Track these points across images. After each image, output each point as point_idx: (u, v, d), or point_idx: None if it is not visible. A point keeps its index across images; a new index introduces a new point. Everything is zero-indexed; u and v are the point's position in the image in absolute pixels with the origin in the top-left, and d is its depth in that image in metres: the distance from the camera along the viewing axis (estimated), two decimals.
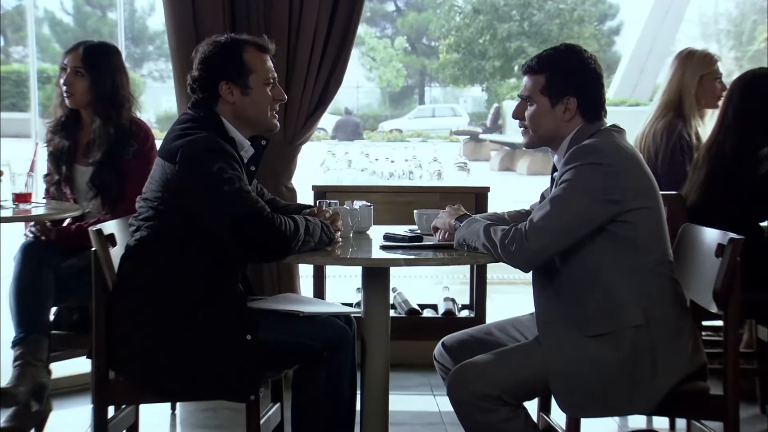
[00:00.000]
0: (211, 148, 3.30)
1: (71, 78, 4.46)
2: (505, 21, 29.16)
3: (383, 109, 37.71)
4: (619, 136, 3.37)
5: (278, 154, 5.26)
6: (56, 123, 4.58)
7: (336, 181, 5.30)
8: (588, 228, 3.23)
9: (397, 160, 5.38)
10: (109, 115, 4.43)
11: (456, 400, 3.29)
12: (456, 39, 30.29)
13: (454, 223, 3.46)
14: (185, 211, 3.31)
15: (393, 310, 5.39)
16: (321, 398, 3.41)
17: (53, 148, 4.58)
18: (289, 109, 5.23)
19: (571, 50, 3.42)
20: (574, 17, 29.08)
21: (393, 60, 35.99)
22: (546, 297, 3.37)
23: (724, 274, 3.28)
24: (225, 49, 3.49)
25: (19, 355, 4.30)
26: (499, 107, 26.74)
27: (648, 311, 3.23)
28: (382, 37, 38.62)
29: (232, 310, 3.34)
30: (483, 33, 29.42)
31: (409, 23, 38.87)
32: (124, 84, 4.53)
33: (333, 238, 3.45)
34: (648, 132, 5.09)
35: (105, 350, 3.38)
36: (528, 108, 3.42)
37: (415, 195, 5.13)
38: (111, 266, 3.39)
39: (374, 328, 3.55)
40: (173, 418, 4.75)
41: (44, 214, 4.27)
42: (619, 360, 3.20)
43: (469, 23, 30.03)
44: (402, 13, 40.63)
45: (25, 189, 4.32)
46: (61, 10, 37.54)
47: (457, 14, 30.93)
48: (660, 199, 3.37)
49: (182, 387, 3.39)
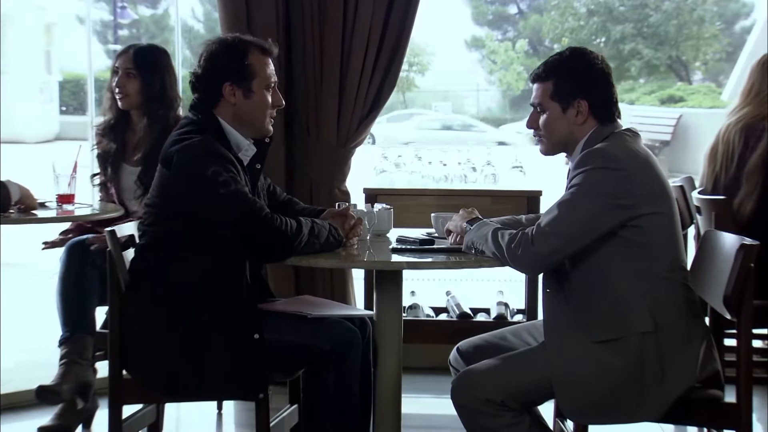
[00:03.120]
0: (205, 153, 3.34)
1: (123, 80, 4.55)
2: (620, 22, 28.73)
3: (504, 112, 37.53)
4: (632, 140, 3.32)
5: (331, 157, 5.30)
6: (105, 125, 4.67)
7: (389, 183, 5.30)
8: (596, 233, 3.19)
9: (451, 164, 5.36)
10: (157, 115, 4.51)
11: (459, 405, 3.27)
12: (570, 41, 29.95)
13: (465, 226, 3.45)
14: (185, 216, 3.36)
15: (446, 314, 5.39)
16: (329, 400, 3.42)
17: (101, 150, 4.68)
18: (342, 112, 5.26)
19: (575, 53, 3.40)
20: (693, 17, 28.50)
21: (514, 63, 35.76)
22: (555, 301, 3.33)
23: (735, 280, 3.21)
24: (231, 50, 3.51)
25: (65, 353, 4.41)
26: None
27: (657, 317, 3.18)
28: (504, 39, 38.42)
29: (239, 310, 3.38)
30: (597, 35, 29.06)
31: (531, 26, 38.59)
32: (172, 84, 4.60)
33: (341, 240, 3.45)
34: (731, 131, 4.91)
35: (119, 350, 3.45)
36: (541, 116, 3.40)
37: (466, 198, 5.09)
38: (124, 267, 3.46)
39: (386, 331, 3.55)
40: (219, 418, 4.81)
41: (86, 214, 4.37)
42: (625, 366, 3.16)
43: (582, 25, 29.67)
44: (524, 16, 40.36)
45: (68, 190, 4.42)
46: (192, 17, 38.30)
47: (571, 16, 30.59)
48: (674, 204, 3.31)
49: (191, 387, 3.44)
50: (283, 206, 3.80)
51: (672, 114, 21.38)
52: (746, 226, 4.46)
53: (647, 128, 19.42)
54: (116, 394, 3.47)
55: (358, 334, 3.49)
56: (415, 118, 27.74)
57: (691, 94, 25.91)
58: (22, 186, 4.18)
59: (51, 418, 4.41)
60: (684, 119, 20.38)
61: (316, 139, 5.31)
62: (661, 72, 29.34)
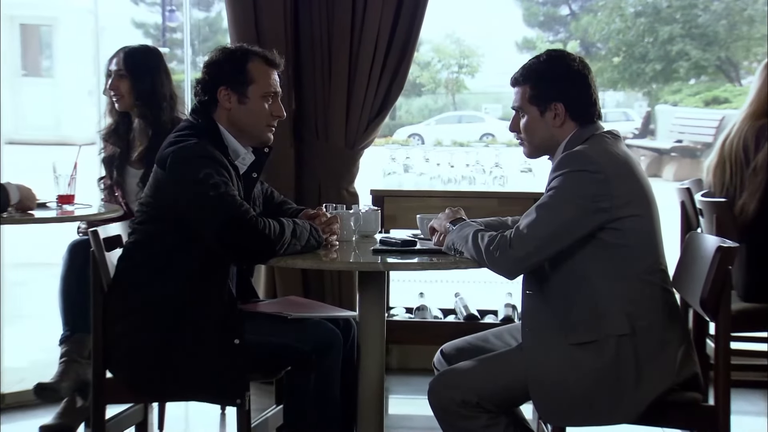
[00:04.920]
0: (199, 155, 3.37)
1: (116, 81, 4.59)
2: (668, 23, 28.46)
3: None
4: (612, 142, 3.30)
5: (339, 158, 5.31)
6: (107, 130, 4.72)
7: (397, 185, 5.31)
8: (573, 236, 3.18)
9: (460, 166, 5.36)
10: (148, 115, 4.54)
11: (435, 406, 3.27)
12: (617, 43, 29.75)
13: (448, 226, 3.45)
14: (174, 216, 3.40)
15: (453, 315, 5.39)
16: (310, 401, 3.43)
17: (106, 154, 4.73)
18: (350, 114, 5.28)
19: (551, 57, 3.41)
20: (743, 17, 28.16)
21: None
22: (534, 302, 3.33)
23: (712, 282, 3.19)
24: (230, 56, 3.57)
25: (65, 352, 4.47)
26: (650, 112, 26.13)
27: (634, 320, 3.16)
28: (555, 41, 38.26)
29: (220, 314, 3.40)
30: (644, 36, 28.83)
31: (583, 27, 38.36)
32: (163, 84, 4.60)
33: (321, 241, 3.47)
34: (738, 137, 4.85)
35: (102, 350, 3.48)
36: (521, 119, 3.40)
37: (473, 200, 5.12)
38: (106, 267, 3.49)
39: (368, 332, 3.55)
40: (223, 418, 4.83)
41: (86, 215, 4.41)
42: (601, 368, 3.15)
43: (630, 26, 29.45)
44: (576, 17, 40.15)
45: (68, 190, 4.46)
46: None
47: (618, 17, 30.37)
48: (654, 207, 3.29)
49: (171, 389, 3.47)
50: (277, 208, 3.84)
51: (715, 116, 21.17)
52: (750, 226, 4.40)
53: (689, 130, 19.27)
54: (99, 394, 3.51)
55: (339, 336, 3.50)
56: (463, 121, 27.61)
57: (737, 95, 25.58)
58: (23, 187, 4.22)
59: (53, 417, 4.46)
60: (726, 121, 20.09)
61: (324, 141, 5.33)
62: (709, 73, 29.02)
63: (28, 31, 22.19)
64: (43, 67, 23.62)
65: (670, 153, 20.20)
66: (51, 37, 23.22)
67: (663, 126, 22.35)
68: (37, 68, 23.43)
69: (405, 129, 26.26)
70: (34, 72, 23.25)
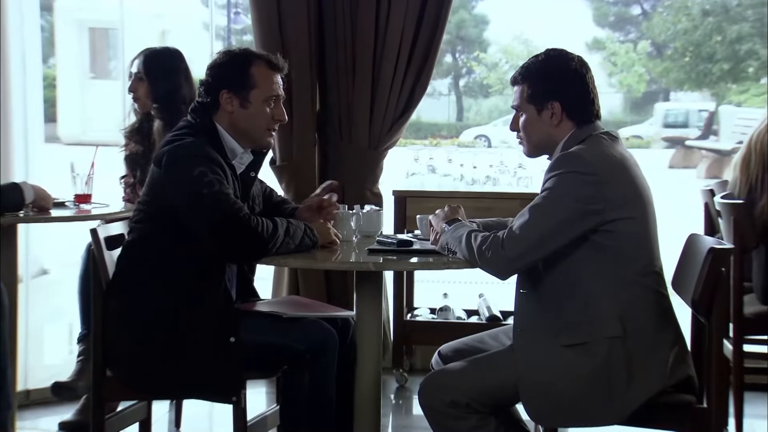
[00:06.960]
0: (195, 154, 3.40)
1: (135, 83, 4.64)
2: (737, 22, 28.07)
3: (625, 114, 37.00)
4: (609, 143, 3.28)
5: (363, 159, 5.33)
6: (131, 129, 4.77)
7: (419, 186, 5.31)
8: (566, 238, 3.16)
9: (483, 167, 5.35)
10: (166, 117, 4.55)
11: (425, 407, 3.27)
12: (683, 42, 29.42)
13: (444, 226, 3.45)
14: (169, 214, 3.43)
15: (476, 316, 5.38)
16: (304, 400, 3.44)
17: (129, 152, 4.78)
18: (374, 115, 5.29)
19: (549, 56, 3.38)
20: None
21: (635, 64, 35.26)
22: (527, 302, 3.31)
23: (704, 284, 3.17)
24: (234, 60, 3.58)
25: (82, 350, 4.54)
26: (712, 113, 25.82)
27: (626, 322, 3.14)
28: (625, 41, 37.90)
29: (216, 312, 3.42)
30: (712, 35, 28.45)
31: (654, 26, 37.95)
32: (182, 86, 4.62)
33: (316, 241, 3.48)
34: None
35: (101, 348, 3.52)
36: (520, 119, 3.39)
37: (495, 201, 5.11)
38: (105, 266, 3.53)
39: (365, 332, 3.55)
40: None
41: (103, 213, 4.46)
42: (591, 371, 3.13)
43: (696, 25, 29.09)
44: (647, 17, 39.74)
45: (85, 189, 4.52)
46: None
47: (684, 16, 30.03)
48: (650, 209, 3.26)
49: (167, 387, 3.51)
50: (275, 207, 3.86)
51: None
52: None
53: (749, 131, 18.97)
54: (99, 391, 3.54)
55: (335, 335, 3.50)
56: None
57: None
58: (38, 187, 4.28)
59: (72, 414, 4.53)
60: None
61: (348, 143, 5.35)
62: None
63: (97, 34, 22.44)
64: (111, 69, 23.92)
65: (731, 154, 19.88)
66: (118, 39, 23.49)
67: (726, 127, 22.01)
68: (105, 71, 23.73)
69: (472, 130, 26.25)
70: (102, 74, 23.54)
